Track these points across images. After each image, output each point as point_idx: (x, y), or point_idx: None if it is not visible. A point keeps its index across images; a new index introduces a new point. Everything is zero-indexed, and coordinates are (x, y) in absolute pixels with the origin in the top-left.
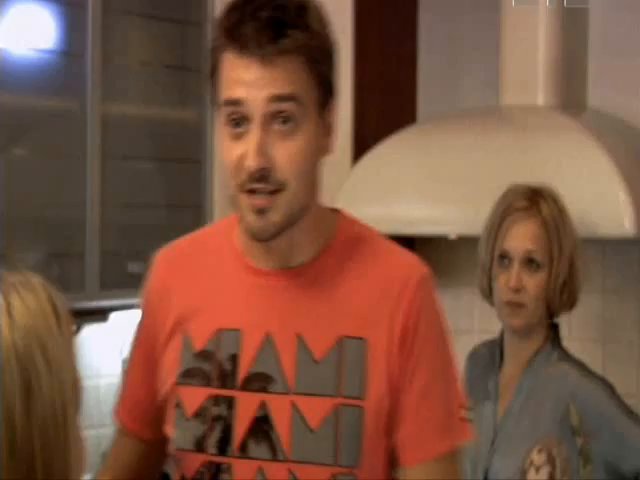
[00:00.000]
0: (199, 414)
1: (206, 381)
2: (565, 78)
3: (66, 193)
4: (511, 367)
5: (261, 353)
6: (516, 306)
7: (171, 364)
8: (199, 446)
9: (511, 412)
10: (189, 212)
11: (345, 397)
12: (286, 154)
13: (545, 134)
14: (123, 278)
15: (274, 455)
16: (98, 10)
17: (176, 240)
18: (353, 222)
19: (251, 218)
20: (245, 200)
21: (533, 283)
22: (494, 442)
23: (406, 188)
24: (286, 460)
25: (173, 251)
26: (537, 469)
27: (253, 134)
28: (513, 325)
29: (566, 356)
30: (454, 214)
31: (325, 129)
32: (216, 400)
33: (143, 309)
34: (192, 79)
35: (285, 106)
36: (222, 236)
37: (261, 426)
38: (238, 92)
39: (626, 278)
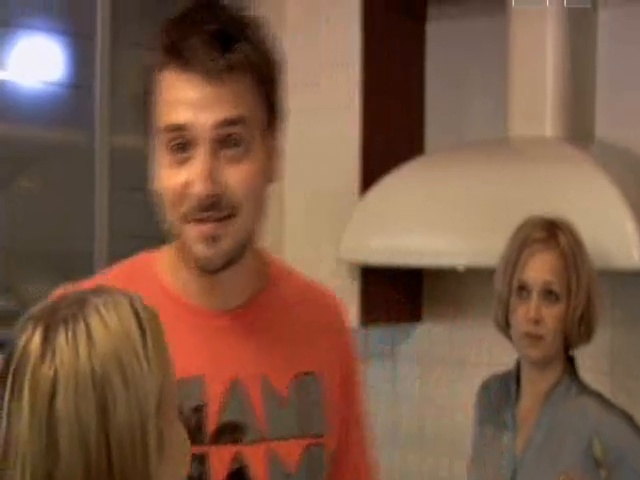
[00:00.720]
0: None
1: None
2: (573, 109)
3: (74, 225)
4: (528, 399)
5: (229, 401)
6: (535, 338)
7: None
8: None
9: (532, 445)
10: None
11: (312, 436)
12: (238, 178)
13: (553, 165)
14: None
15: None
16: (106, 42)
17: (73, 284)
18: (273, 256)
19: (200, 247)
20: (192, 230)
21: (551, 315)
22: (516, 476)
23: (414, 220)
24: None
25: None
26: None
27: (200, 159)
28: (531, 357)
29: (584, 389)
30: (462, 246)
31: (271, 153)
32: None
33: None
34: None
35: (234, 129)
36: (142, 276)
37: None
38: (183, 116)
39: (635, 311)
